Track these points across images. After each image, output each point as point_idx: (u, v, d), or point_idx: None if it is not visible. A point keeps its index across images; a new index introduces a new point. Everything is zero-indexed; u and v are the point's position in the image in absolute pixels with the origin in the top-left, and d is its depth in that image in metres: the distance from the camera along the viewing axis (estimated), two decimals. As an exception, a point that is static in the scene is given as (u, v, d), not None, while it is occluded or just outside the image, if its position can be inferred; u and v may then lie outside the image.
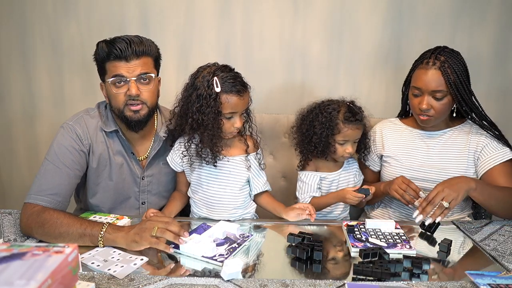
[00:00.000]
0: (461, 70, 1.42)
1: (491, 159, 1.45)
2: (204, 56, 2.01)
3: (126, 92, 1.32)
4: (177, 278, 1.02)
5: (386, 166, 1.60)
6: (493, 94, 2.03)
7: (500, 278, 1.00)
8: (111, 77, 1.32)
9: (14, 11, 2.01)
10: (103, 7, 1.99)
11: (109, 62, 1.32)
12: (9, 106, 2.13)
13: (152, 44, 1.37)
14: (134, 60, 1.30)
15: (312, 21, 1.99)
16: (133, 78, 1.31)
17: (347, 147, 1.46)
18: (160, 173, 1.49)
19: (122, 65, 1.30)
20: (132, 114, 1.35)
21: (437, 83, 1.41)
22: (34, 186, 1.29)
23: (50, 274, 0.69)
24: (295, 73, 2.06)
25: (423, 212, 1.27)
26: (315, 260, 1.12)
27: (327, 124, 1.45)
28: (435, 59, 1.42)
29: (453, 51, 1.45)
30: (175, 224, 1.16)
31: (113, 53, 1.29)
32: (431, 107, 1.44)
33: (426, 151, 1.54)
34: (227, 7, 1.98)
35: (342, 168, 1.55)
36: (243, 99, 1.31)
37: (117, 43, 1.30)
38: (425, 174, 1.51)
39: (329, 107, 1.47)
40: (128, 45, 1.29)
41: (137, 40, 1.32)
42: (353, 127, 1.44)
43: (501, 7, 1.95)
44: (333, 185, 1.55)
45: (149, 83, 1.35)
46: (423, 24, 1.97)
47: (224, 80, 1.28)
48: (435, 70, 1.41)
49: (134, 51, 1.30)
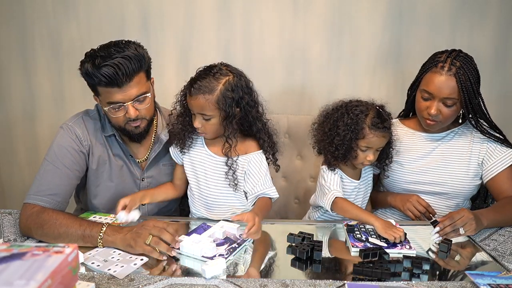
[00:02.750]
0: (475, 78, 1.36)
1: (496, 164, 1.43)
2: (204, 56, 2.01)
3: (124, 114, 1.29)
4: (177, 278, 1.01)
5: (386, 169, 1.56)
6: (493, 95, 2.03)
7: (500, 278, 1.00)
8: (106, 103, 1.27)
9: (14, 12, 2.01)
10: (102, 7, 1.99)
11: (100, 87, 1.25)
12: (9, 107, 2.13)
13: (140, 55, 1.26)
14: (126, 84, 1.23)
15: (312, 21, 1.99)
16: (129, 102, 1.27)
17: (369, 155, 1.36)
18: (160, 174, 1.49)
19: (115, 92, 1.24)
20: (133, 129, 1.34)
21: (451, 91, 1.34)
22: (33, 187, 1.29)
23: (50, 274, 0.69)
24: (295, 73, 2.06)
25: (442, 232, 1.21)
26: (315, 260, 1.13)
27: (353, 127, 1.33)
28: (450, 64, 1.35)
29: (468, 56, 1.39)
30: (170, 231, 1.13)
31: (102, 81, 1.22)
32: (440, 112, 1.39)
33: (428, 153, 1.50)
34: (227, 7, 1.98)
35: (361, 178, 1.48)
36: (192, 100, 1.26)
37: (104, 70, 1.20)
38: (426, 176, 1.49)
39: (357, 108, 1.35)
40: (117, 71, 1.20)
41: (124, 62, 1.21)
42: (379, 134, 1.34)
43: (501, 8, 1.95)
44: (352, 194, 1.46)
45: (145, 100, 1.32)
46: (423, 24, 1.97)
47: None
48: (450, 76, 1.34)
49: (124, 75, 1.21)
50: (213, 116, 1.27)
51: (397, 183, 1.53)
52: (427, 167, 1.50)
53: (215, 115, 1.27)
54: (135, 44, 1.29)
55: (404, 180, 1.52)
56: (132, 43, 1.29)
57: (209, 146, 1.39)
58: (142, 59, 1.27)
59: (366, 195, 1.53)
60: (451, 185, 1.47)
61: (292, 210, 1.94)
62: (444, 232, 1.21)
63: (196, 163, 1.39)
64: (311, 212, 1.57)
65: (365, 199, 1.53)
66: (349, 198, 1.44)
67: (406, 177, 1.51)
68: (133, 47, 1.26)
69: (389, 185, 1.57)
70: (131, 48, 1.25)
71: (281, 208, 1.92)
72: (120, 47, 1.24)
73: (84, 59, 1.26)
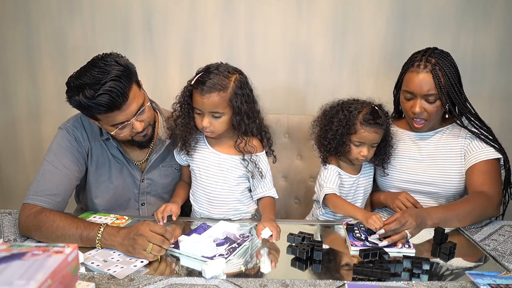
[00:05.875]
0: (452, 72, 1.40)
1: (474, 156, 1.44)
2: (207, 55, 2.01)
3: (131, 129, 1.29)
4: (177, 278, 1.02)
5: (379, 169, 1.57)
6: (498, 95, 2.03)
7: (500, 278, 1.00)
8: (110, 126, 1.27)
9: (19, 12, 2.02)
10: (107, 8, 2.00)
11: (99, 115, 1.23)
12: (14, 105, 2.14)
13: (126, 70, 1.21)
14: (125, 104, 1.21)
15: (315, 21, 1.99)
16: (133, 119, 1.26)
17: (363, 150, 1.41)
18: (160, 175, 1.49)
19: (117, 114, 1.22)
20: (142, 138, 1.35)
21: (429, 87, 1.39)
22: (32, 187, 1.29)
23: (50, 274, 0.69)
24: (298, 73, 2.06)
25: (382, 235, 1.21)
26: (315, 260, 1.13)
27: (345, 122, 1.40)
28: (426, 61, 1.40)
29: (443, 52, 1.43)
30: (169, 237, 1.12)
31: (101, 110, 1.19)
32: (424, 110, 1.42)
33: (417, 152, 1.53)
34: (230, 6, 1.98)
35: (360, 172, 1.52)
36: (205, 98, 1.27)
37: (100, 99, 1.16)
38: (417, 176, 1.51)
39: (352, 106, 1.42)
40: (113, 96, 1.17)
41: (116, 85, 1.17)
42: (370, 130, 1.39)
43: (505, 8, 1.94)
44: (351, 189, 1.50)
45: (145, 110, 1.30)
46: (427, 24, 1.97)
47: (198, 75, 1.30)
48: (427, 73, 1.39)
49: (121, 96, 1.19)
50: (224, 114, 1.30)
51: (389, 181, 1.56)
52: (417, 166, 1.52)
53: (226, 112, 1.30)
54: (113, 57, 1.23)
55: (395, 179, 1.54)
56: (110, 58, 1.22)
57: (212, 145, 1.40)
58: (129, 73, 1.23)
59: (367, 191, 1.55)
60: (440, 184, 1.48)
61: (292, 210, 1.94)
62: (388, 235, 1.20)
63: (200, 162, 1.40)
64: (314, 210, 1.59)
65: (366, 194, 1.55)
66: (349, 193, 1.49)
67: (396, 175, 1.53)
68: (114, 63, 1.20)
69: (382, 184, 1.59)
70: (113, 65, 1.20)
71: (281, 208, 1.92)
72: (103, 68, 1.18)
73: (70, 92, 1.21)
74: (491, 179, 1.41)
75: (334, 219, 1.50)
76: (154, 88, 1.97)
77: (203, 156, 1.40)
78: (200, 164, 1.40)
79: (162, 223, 1.31)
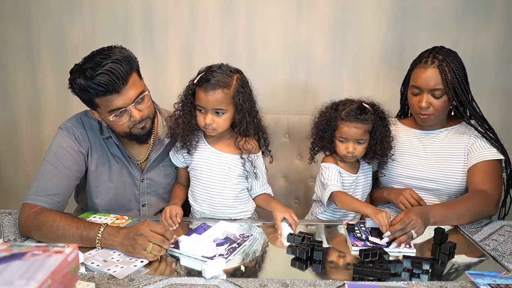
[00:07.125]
0: (458, 69, 1.43)
1: (476, 155, 1.46)
2: (207, 55, 2.02)
3: (129, 118, 1.29)
4: (177, 278, 1.02)
5: (383, 166, 1.57)
6: (498, 94, 2.03)
7: (500, 278, 1.00)
8: (109, 112, 1.26)
9: (19, 12, 2.02)
10: (107, 7, 2.00)
11: (98, 98, 1.24)
12: (15, 105, 2.14)
13: (127, 56, 1.25)
14: (124, 87, 1.22)
15: (315, 21, 1.99)
16: (131, 105, 1.27)
17: (348, 146, 1.43)
18: (159, 175, 1.49)
19: (115, 98, 1.23)
20: (140, 130, 1.35)
21: (436, 81, 1.42)
22: (32, 187, 1.29)
23: (50, 274, 0.69)
24: (298, 73, 2.06)
25: (392, 237, 1.21)
26: (315, 260, 1.12)
27: (329, 117, 1.45)
28: (433, 58, 1.43)
29: (451, 51, 1.47)
30: (169, 236, 1.12)
31: (99, 90, 1.20)
32: (430, 105, 1.45)
33: (422, 149, 1.55)
34: (230, 7, 1.98)
35: (359, 171, 1.53)
36: (210, 95, 1.29)
37: (98, 79, 1.18)
38: (421, 172, 1.52)
39: (341, 103, 1.46)
40: (112, 76, 1.19)
41: (116, 66, 1.20)
42: (350, 125, 1.41)
43: (505, 8, 1.94)
44: (351, 187, 1.51)
45: (145, 99, 1.31)
46: (428, 24, 1.97)
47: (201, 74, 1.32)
48: (434, 68, 1.42)
49: (120, 79, 1.20)
50: (227, 111, 1.32)
51: (393, 177, 1.57)
52: (421, 163, 1.53)
53: (229, 109, 1.32)
54: (117, 47, 1.27)
55: (399, 174, 1.56)
56: (115, 47, 1.27)
57: (212, 144, 1.40)
58: (130, 59, 1.25)
59: (365, 189, 1.56)
60: (444, 181, 1.49)
61: (292, 210, 1.93)
62: (395, 237, 1.20)
63: (201, 161, 1.40)
64: (314, 208, 1.59)
65: (364, 193, 1.55)
66: (348, 191, 1.49)
67: (401, 171, 1.55)
68: (117, 50, 1.25)
69: (385, 180, 1.61)
70: (116, 52, 1.24)
71: (281, 208, 1.92)
72: (105, 54, 1.22)
73: (72, 76, 1.23)
74: (492, 178, 1.42)
75: (333, 218, 1.50)
76: (154, 88, 1.94)
77: (204, 156, 1.40)
78: (201, 163, 1.40)
79: (175, 227, 1.31)
